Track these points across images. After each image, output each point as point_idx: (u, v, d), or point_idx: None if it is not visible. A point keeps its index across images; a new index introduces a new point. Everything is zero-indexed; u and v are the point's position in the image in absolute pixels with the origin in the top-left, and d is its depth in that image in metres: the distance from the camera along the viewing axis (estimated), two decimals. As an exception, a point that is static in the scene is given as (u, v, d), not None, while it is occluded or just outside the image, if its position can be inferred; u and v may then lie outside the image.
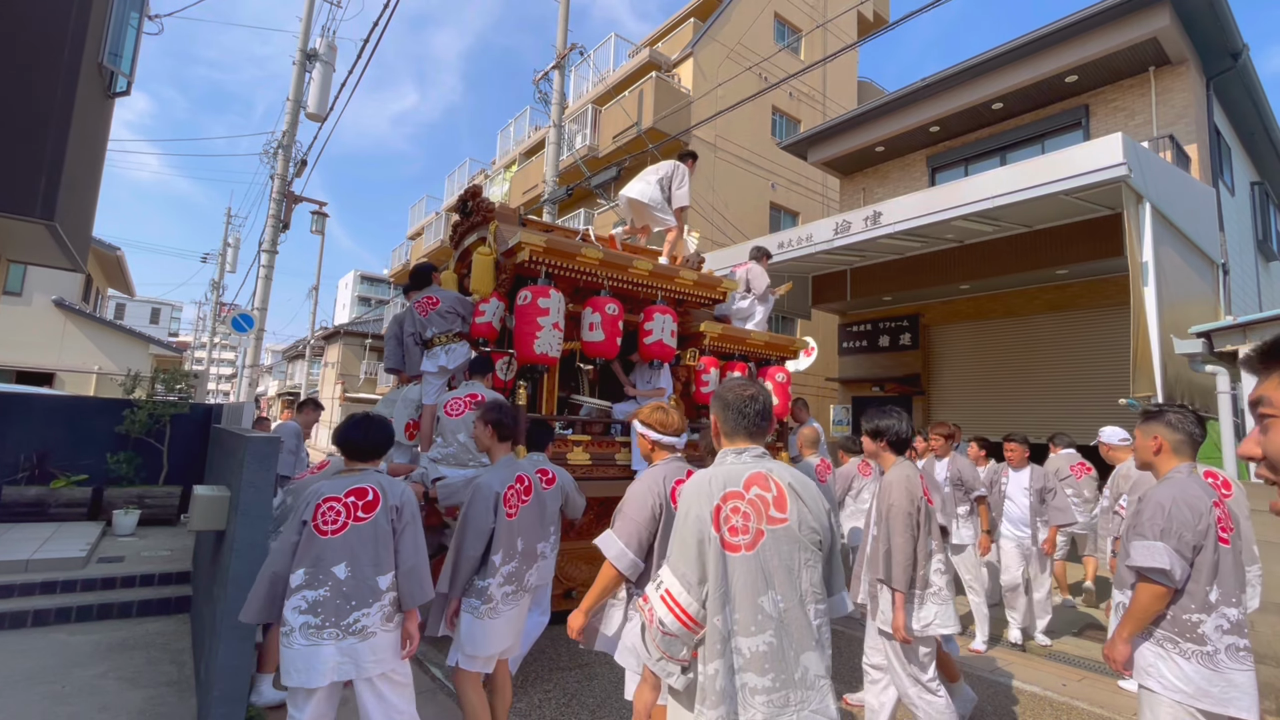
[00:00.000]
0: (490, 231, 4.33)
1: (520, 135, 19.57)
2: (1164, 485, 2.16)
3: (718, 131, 13.90)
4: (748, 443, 1.72)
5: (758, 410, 1.72)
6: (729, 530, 1.56)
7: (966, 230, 8.17)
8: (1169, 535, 2.04)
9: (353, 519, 2.26)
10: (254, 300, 12.39)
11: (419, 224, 25.37)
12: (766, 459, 1.71)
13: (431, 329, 4.28)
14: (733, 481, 1.62)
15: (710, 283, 4.84)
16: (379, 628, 2.23)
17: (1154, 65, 9.01)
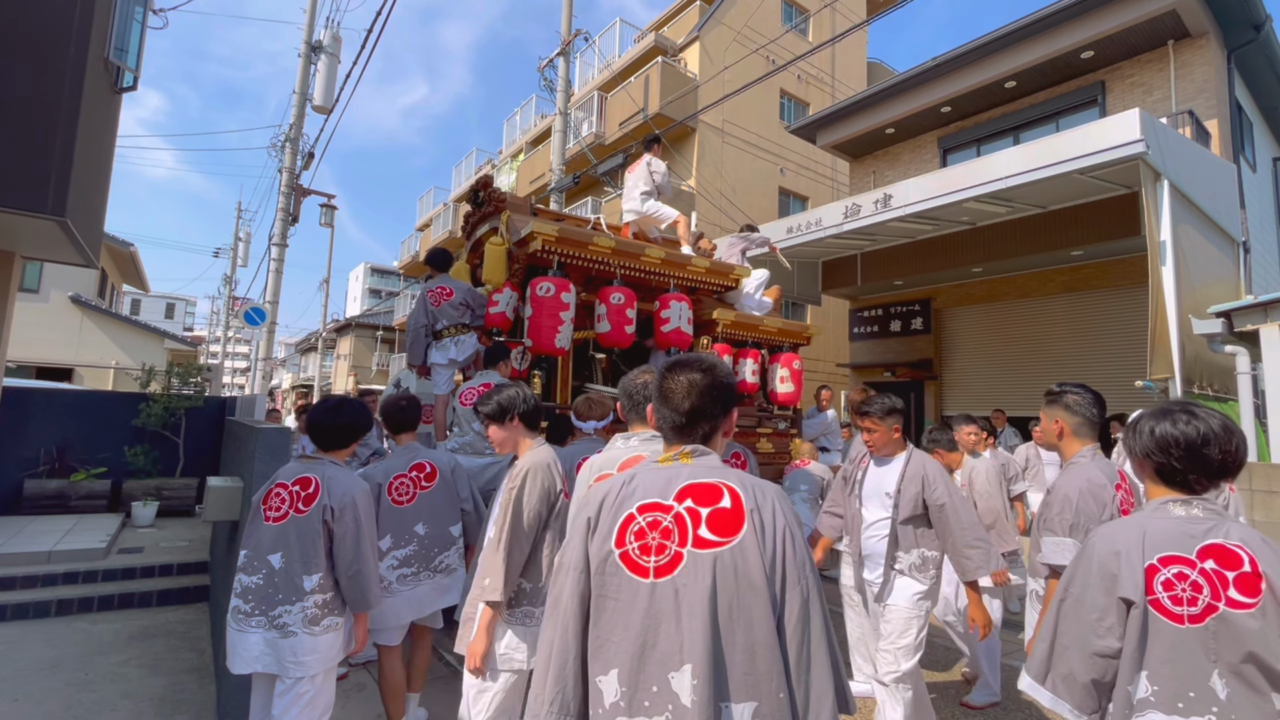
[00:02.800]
0: (502, 221, 4.33)
1: (526, 124, 19.48)
2: (1069, 475, 2.15)
3: (725, 116, 13.75)
4: (642, 426, 1.90)
5: (647, 396, 1.87)
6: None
7: (979, 212, 8.05)
8: (1077, 530, 2.04)
9: (294, 509, 2.20)
10: (265, 294, 12.49)
11: (427, 215, 25.39)
12: (655, 441, 1.87)
13: (442, 320, 4.29)
14: (609, 464, 1.83)
15: (722, 270, 4.86)
16: (301, 628, 2.11)
17: (1173, 39, 8.78)
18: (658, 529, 1.15)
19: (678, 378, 1.28)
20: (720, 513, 1.14)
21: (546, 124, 17.35)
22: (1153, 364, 5.01)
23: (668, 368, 1.31)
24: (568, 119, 11.22)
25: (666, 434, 1.30)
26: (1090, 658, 1.28)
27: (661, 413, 1.29)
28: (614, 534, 1.17)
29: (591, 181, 13.63)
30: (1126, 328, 9.12)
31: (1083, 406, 2.17)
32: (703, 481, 1.19)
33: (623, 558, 1.15)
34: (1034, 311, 10.32)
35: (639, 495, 1.20)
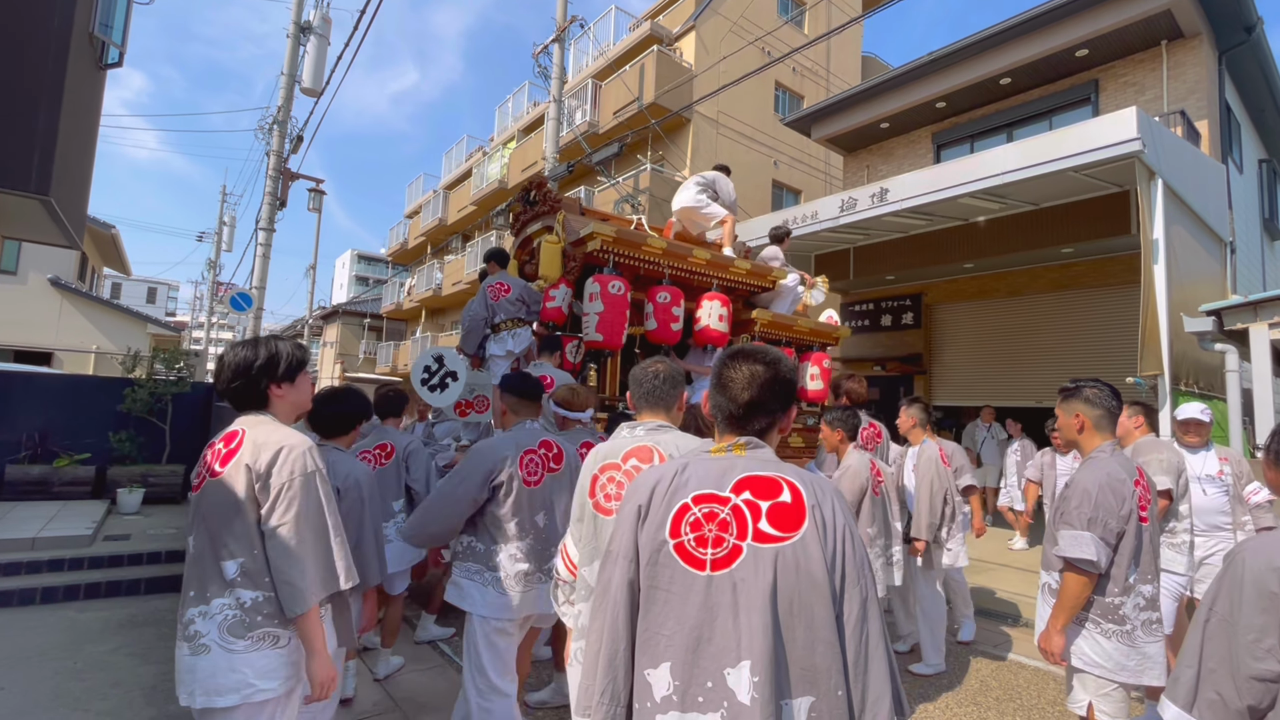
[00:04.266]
0: (558, 221, 4.53)
1: (519, 111, 19.27)
2: (1089, 469, 2.15)
3: (720, 107, 13.68)
4: (651, 415, 1.86)
5: (658, 384, 1.86)
6: (604, 497, 1.79)
7: (973, 208, 8.09)
8: (1095, 524, 2.04)
9: None
10: (252, 279, 12.30)
11: (416, 202, 25.12)
12: (662, 432, 1.84)
13: (500, 314, 4.55)
14: (612, 455, 1.82)
15: (761, 272, 5.10)
16: (218, 640, 1.60)
17: (1166, 39, 8.85)
18: (714, 521, 1.12)
19: (739, 368, 1.23)
20: (781, 507, 1.11)
21: (539, 111, 17.18)
22: (1143, 361, 5.07)
23: (730, 356, 1.26)
24: (562, 106, 11.12)
25: (720, 424, 1.26)
26: (1247, 682, 1.19)
27: (718, 401, 1.25)
28: (667, 524, 1.14)
29: (585, 170, 13.53)
30: (1114, 325, 9.24)
31: (1102, 399, 2.19)
32: (760, 475, 1.16)
33: (677, 549, 1.12)
34: (1023, 308, 10.43)
35: (693, 485, 1.16)
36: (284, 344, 1.90)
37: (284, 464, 1.70)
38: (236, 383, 1.79)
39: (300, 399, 1.91)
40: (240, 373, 1.79)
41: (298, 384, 1.89)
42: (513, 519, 2.43)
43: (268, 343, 1.87)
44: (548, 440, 2.60)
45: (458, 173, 22.19)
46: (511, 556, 2.42)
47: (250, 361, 1.80)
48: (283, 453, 1.71)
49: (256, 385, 1.80)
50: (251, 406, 1.82)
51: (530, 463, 2.51)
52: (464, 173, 21.45)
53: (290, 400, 1.87)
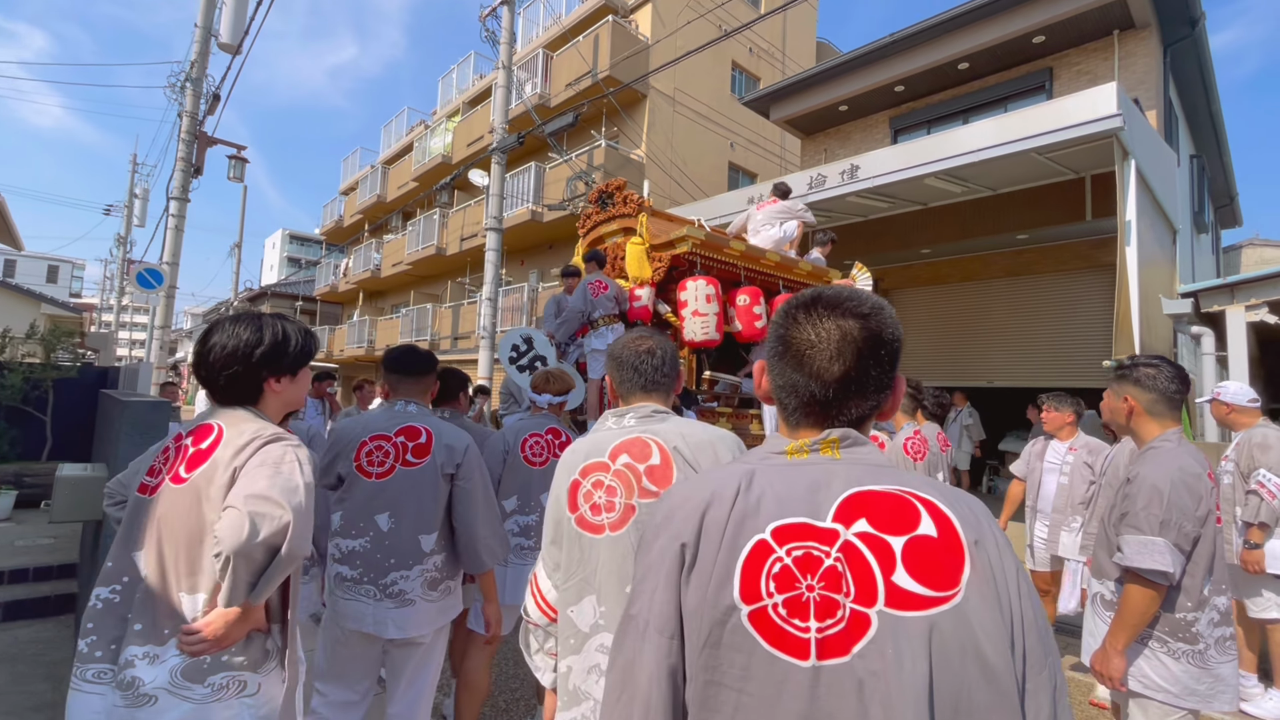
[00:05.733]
0: (641, 223, 4.78)
1: (464, 84, 18.26)
2: (1156, 461, 1.81)
3: (677, 84, 13.23)
4: (641, 399, 1.51)
5: (655, 364, 1.51)
6: (590, 509, 1.38)
7: (935, 191, 7.96)
8: (1168, 528, 1.71)
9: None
10: (163, 254, 11.10)
11: (353, 178, 23.63)
12: (657, 420, 1.43)
13: (599, 310, 4.77)
14: (597, 450, 1.42)
15: (819, 273, 5.48)
16: (169, 687, 1.28)
17: (1119, 29, 8.93)
18: (817, 571, 0.68)
19: (821, 324, 0.79)
20: (923, 547, 0.68)
21: (486, 83, 16.28)
22: (1117, 343, 4.97)
23: (800, 307, 0.83)
24: (511, 74, 10.41)
25: (791, 411, 0.82)
26: None
27: (788, 378, 0.80)
28: (736, 578, 0.70)
29: (536, 145, 12.84)
30: (1067, 310, 9.38)
31: (1158, 380, 1.86)
32: (878, 490, 0.72)
33: (757, 620, 0.68)
34: (978, 293, 10.49)
35: (769, 510, 0.73)
36: (290, 326, 1.54)
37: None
38: (229, 371, 1.41)
39: (297, 396, 1.55)
40: (236, 360, 1.42)
41: (299, 379, 1.54)
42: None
43: (272, 325, 1.50)
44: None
45: (398, 147, 20.94)
46: None
47: (251, 347, 1.43)
48: (266, 450, 1.34)
49: (254, 377, 1.44)
50: (236, 400, 1.45)
51: None
52: (405, 147, 20.26)
53: (287, 397, 1.52)
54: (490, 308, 10.18)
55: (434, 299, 18.34)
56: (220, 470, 1.31)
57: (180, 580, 1.30)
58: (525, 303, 13.51)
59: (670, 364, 1.53)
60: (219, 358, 1.41)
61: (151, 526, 1.33)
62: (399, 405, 2.28)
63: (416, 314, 17.11)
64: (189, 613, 1.29)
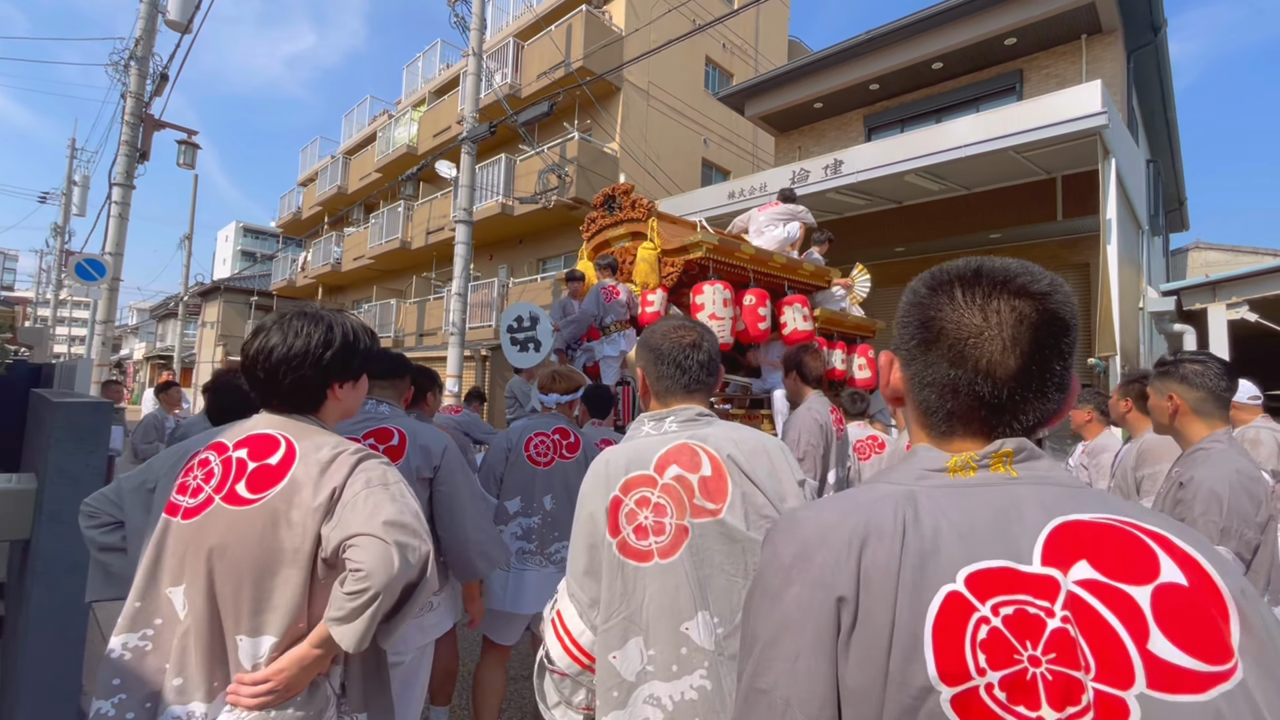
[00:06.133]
0: (652, 228, 4.77)
1: (430, 72, 17.71)
2: (1210, 464, 1.69)
3: (651, 78, 13.04)
4: (682, 402, 1.32)
5: (701, 361, 1.31)
6: (634, 531, 1.16)
7: (913, 189, 7.98)
8: (1229, 536, 1.59)
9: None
10: (105, 244, 10.41)
11: (312, 168, 22.75)
12: (703, 424, 1.28)
13: (611, 315, 4.76)
14: (640, 461, 1.22)
15: (821, 273, 5.60)
16: None
17: (1086, 33, 9.10)
18: (1039, 638, 0.50)
19: (991, 304, 0.61)
20: (1177, 601, 0.50)
21: (454, 72, 15.83)
22: (1099, 340, 4.99)
23: (959, 280, 0.65)
24: (481, 61, 10.06)
25: (942, 417, 0.64)
26: None
27: (940, 374, 0.63)
28: (927, 647, 0.51)
29: (507, 137, 12.49)
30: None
31: (1205, 377, 1.75)
32: (1090, 521, 0.54)
33: (966, 708, 0.50)
34: (949, 293, 10.59)
35: (954, 550, 0.55)
36: (358, 325, 1.36)
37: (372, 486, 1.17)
38: (297, 375, 1.23)
39: (355, 404, 1.39)
40: (306, 362, 1.23)
41: (360, 385, 1.38)
42: None
43: (341, 321, 1.32)
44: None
45: (360, 137, 20.22)
46: None
47: (323, 348, 1.24)
48: (366, 469, 1.18)
49: (322, 382, 1.26)
50: (297, 408, 1.27)
51: None
52: (367, 137, 19.57)
53: (347, 404, 1.35)
54: (460, 303, 9.83)
55: (398, 294, 17.77)
56: (306, 490, 1.13)
57: (241, 621, 1.10)
58: (495, 298, 13.16)
59: (715, 360, 1.35)
60: (284, 359, 1.21)
61: (198, 557, 1.11)
62: (369, 405, 2.07)
63: (379, 310, 16.55)
64: (248, 659, 1.09)
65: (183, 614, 1.10)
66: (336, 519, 1.10)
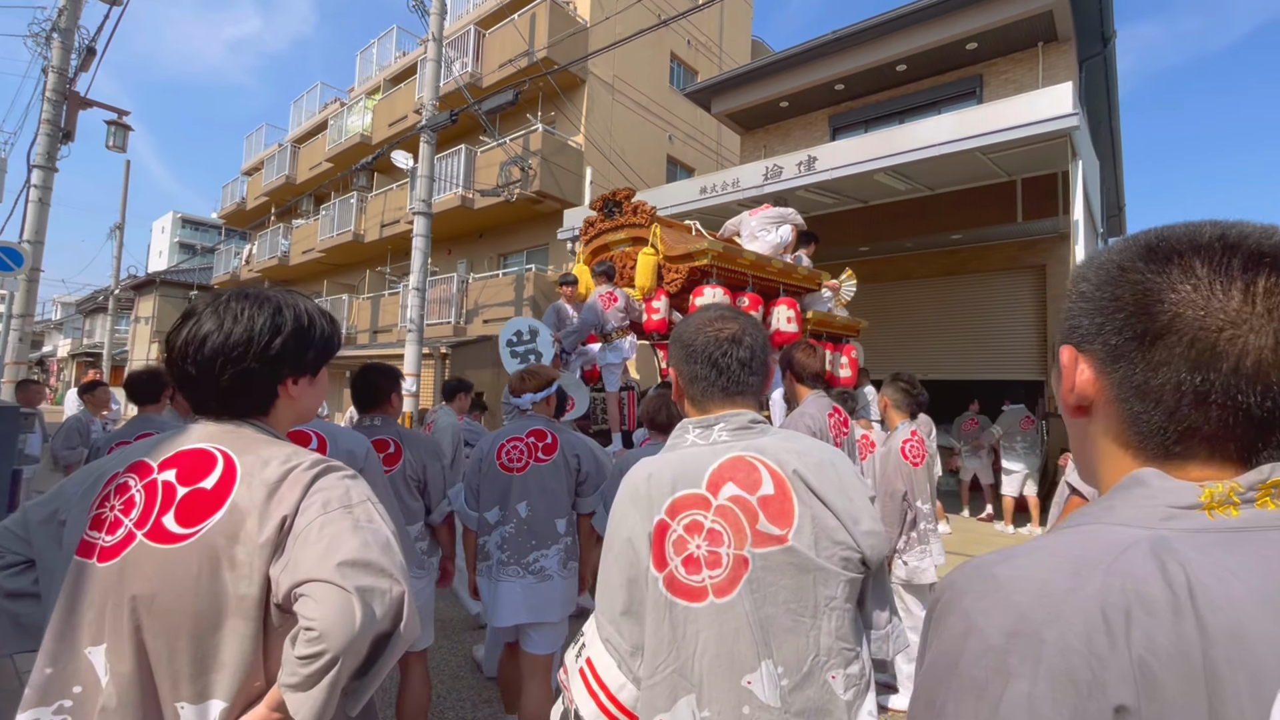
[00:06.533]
0: (655, 234, 4.80)
1: (385, 59, 17.05)
2: None
3: (616, 72, 12.83)
4: (727, 406, 1.12)
5: (742, 359, 1.11)
6: (684, 563, 0.97)
7: (880, 188, 8.01)
8: None
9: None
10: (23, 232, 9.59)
11: (257, 157, 21.66)
12: (755, 432, 1.09)
13: (611, 323, 4.74)
14: (688, 478, 1.02)
15: (812, 276, 5.75)
16: None
17: (1043, 41, 9.35)
18: None
19: (1260, 280, 0.45)
20: None
21: (411, 59, 15.26)
22: (1068, 341, 5.06)
23: (1201, 247, 0.47)
24: (441, 47, 9.67)
25: (1176, 435, 0.48)
26: None
27: (1179, 378, 0.46)
28: None
29: (468, 127, 12.09)
30: (996, 307, 9.77)
31: None
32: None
33: None
34: (913, 291, 10.76)
35: (1269, 630, 0.37)
36: (311, 307, 1.09)
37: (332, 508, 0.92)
38: (237, 370, 0.96)
39: (313, 404, 1.12)
40: (246, 353, 0.97)
41: (319, 381, 1.11)
42: None
43: (292, 303, 1.05)
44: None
45: (309, 125, 19.34)
46: None
47: (269, 335, 0.98)
48: (324, 487, 0.93)
49: (271, 378, 1.00)
50: (239, 412, 1.00)
51: None
52: (318, 125, 18.74)
53: (303, 405, 1.08)
54: (418, 298, 9.43)
55: (350, 289, 17.07)
56: (251, 520, 0.88)
57: (181, 685, 0.86)
58: (454, 294, 12.71)
59: (761, 357, 1.14)
60: (220, 349, 0.95)
61: (120, 609, 0.87)
62: None
63: (330, 305, 15.82)
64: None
65: (105, 680, 0.86)
66: (286, 558, 0.85)
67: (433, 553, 2.43)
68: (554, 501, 2.37)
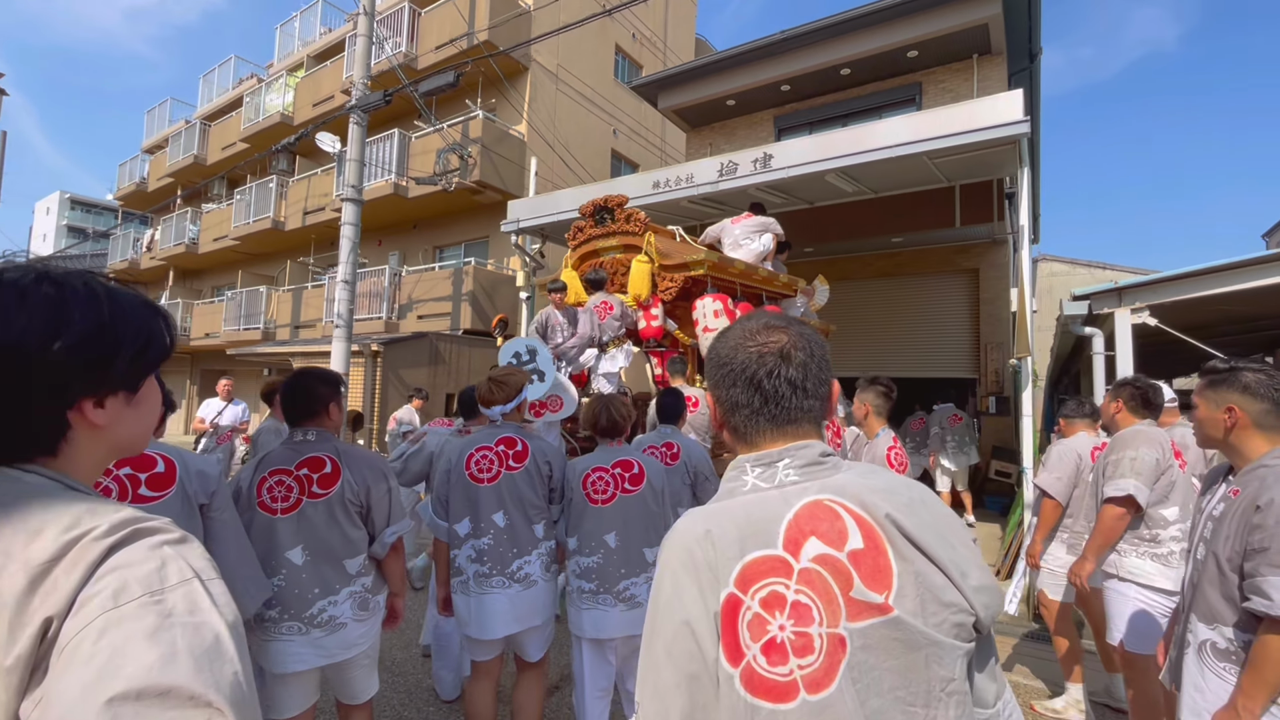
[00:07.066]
0: (648, 242, 4.82)
1: (309, 35, 15.91)
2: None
3: (560, 61, 12.45)
4: (780, 439, 0.88)
5: (791, 379, 0.88)
6: (764, 652, 0.73)
7: (829, 189, 8.05)
8: None
9: None
10: None
11: (161, 134, 19.81)
12: (828, 467, 0.86)
13: (607, 333, 4.81)
14: (760, 535, 0.79)
15: (790, 284, 5.91)
16: None
17: (978, 53, 9.70)
18: None
19: None
20: None
21: (337, 36, 14.31)
22: (1016, 343, 5.17)
23: None
24: (373, 21, 9.01)
25: None
26: None
27: None
28: None
29: (402, 110, 11.40)
30: (933, 309, 10.08)
31: (1272, 387, 1.59)
32: None
33: None
34: (855, 291, 10.96)
35: None
36: (122, 293, 0.75)
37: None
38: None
39: (138, 431, 0.77)
40: (13, 365, 0.64)
41: (145, 396, 0.77)
42: None
43: (85, 290, 0.71)
44: None
45: (222, 101, 17.86)
46: None
47: (48, 337, 0.66)
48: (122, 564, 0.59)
49: (56, 400, 0.68)
50: (3, 453, 0.67)
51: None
52: (232, 102, 17.33)
53: (120, 434, 0.74)
54: (347, 292, 8.77)
55: (268, 281, 15.84)
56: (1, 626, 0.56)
57: None
58: (386, 288, 11.97)
59: (818, 374, 0.91)
60: None
61: None
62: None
63: (246, 297, 14.61)
64: None
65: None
66: (44, 688, 0.54)
67: (378, 589, 2.10)
68: (530, 508, 2.39)
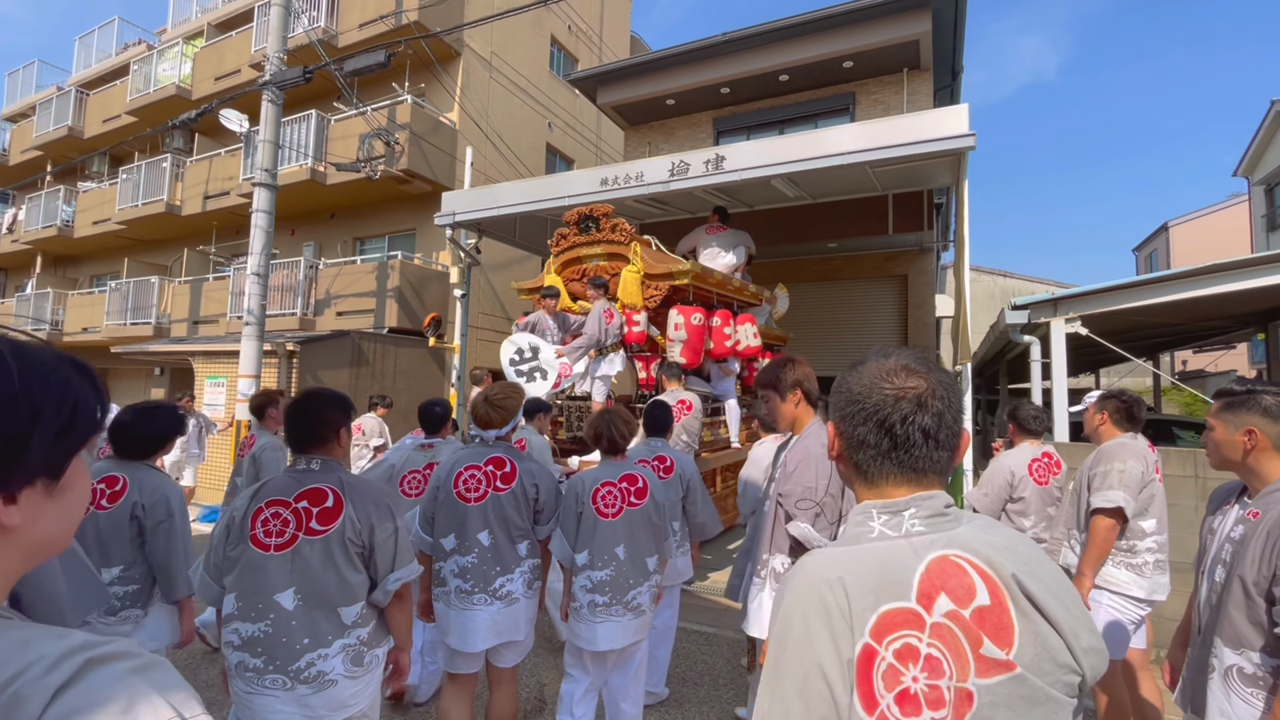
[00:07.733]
0: (635, 252, 5.02)
1: (209, 2, 14.47)
2: None
3: (494, 49, 11.94)
4: (911, 487, 0.86)
5: (926, 428, 0.84)
6: (897, 702, 0.73)
7: (771, 194, 8.12)
8: None
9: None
10: None
11: (27, 100, 17.49)
12: (950, 520, 0.84)
13: (610, 338, 4.97)
14: (893, 586, 0.78)
15: (759, 292, 6.25)
16: None
17: (908, 68, 10.09)
18: None
19: None
20: None
21: (245, 4, 13.08)
22: (959, 350, 5.34)
23: None
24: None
25: None
26: None
27: None
28: None
29: (320, 90, 10.55)
30: (864, 312, 10.43)
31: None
32: None
33: None
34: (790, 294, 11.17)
35: None
36: (38, 356, 0.52)
37: None
38: None
39: (58, 527, 0.54)
40: None
41: (68, 483, 0.54)
42: None
43: None
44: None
45: (104, 67, 15.98)
46: None
47: None
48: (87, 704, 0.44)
49: None
50: None
51: None
52: (116, 69, 15.55)
53: (35, 533, 0.51)
54: (259, 285, 7.98)
55: (161, 270, 14.30)
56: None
57: None
58: (300, 281, 11.05)
59: (953, 424, 0.86)
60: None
61: None
62: None
63: (134, 288, 13.09)
64: None
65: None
66: None
67: (376, 642, 1.78)
68: (514, 529, 2.40)
